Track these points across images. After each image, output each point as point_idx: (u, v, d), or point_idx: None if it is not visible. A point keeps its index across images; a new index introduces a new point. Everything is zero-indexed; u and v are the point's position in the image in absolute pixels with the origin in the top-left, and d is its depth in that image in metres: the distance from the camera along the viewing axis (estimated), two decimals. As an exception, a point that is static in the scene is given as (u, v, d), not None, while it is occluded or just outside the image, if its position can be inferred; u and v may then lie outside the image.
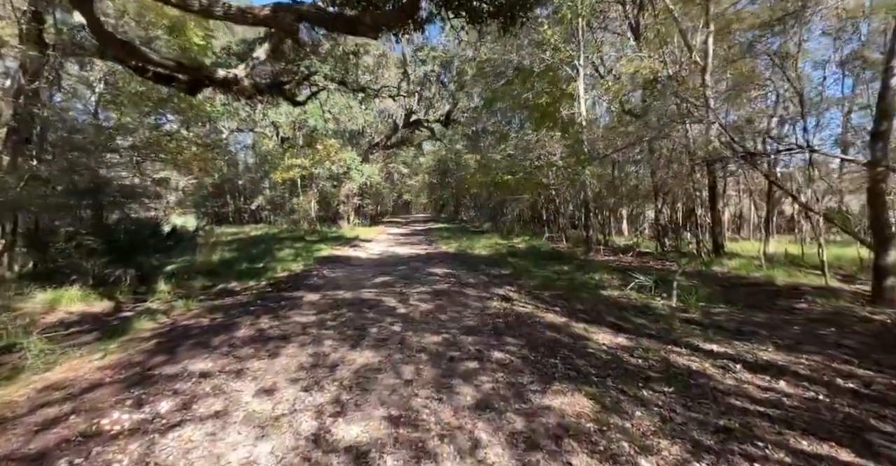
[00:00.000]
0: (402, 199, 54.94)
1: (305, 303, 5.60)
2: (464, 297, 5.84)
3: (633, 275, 6.42)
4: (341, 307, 5.34)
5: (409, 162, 38.13)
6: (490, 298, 5.76)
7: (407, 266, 9.09)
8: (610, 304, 5.37)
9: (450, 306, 5.33)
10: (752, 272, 7.02)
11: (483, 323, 4.51)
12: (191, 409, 2.55)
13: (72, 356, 3.70)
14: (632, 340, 3.90)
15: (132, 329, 4.53)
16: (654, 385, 2.88)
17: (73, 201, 7.70)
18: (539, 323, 4.50)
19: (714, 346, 3.68)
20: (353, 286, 6.84)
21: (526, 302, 5.47)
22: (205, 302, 6.04)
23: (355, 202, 25.91)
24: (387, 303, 5.52)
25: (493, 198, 17.27)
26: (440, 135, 27.51)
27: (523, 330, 4.20)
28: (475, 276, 7.66)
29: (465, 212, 32.46)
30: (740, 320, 4.58)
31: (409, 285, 6.81)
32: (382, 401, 2.66)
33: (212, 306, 5.58)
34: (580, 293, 6.02)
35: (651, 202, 13.56)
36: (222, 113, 15.88)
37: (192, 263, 9.36)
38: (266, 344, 3.83)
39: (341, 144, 19.71)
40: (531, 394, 2.75)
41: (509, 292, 6.21)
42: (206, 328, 4.44)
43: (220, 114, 15.74)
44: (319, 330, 4.29)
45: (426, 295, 6.02)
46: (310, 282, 7.30)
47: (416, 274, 7.88)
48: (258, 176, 30.36)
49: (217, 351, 3.67)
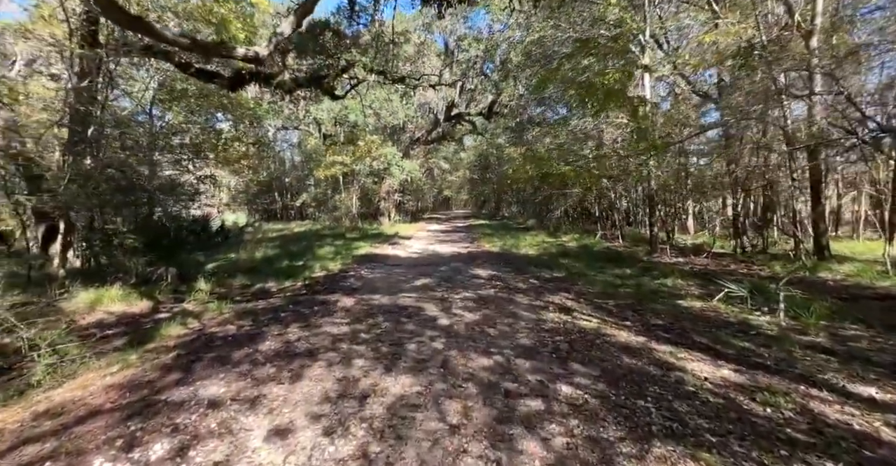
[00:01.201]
0: (442, 195, 54.65)
1: (339, 309, 5.13)
2: (514, 306, 5.10)
3: (718, 282, 5.34)
4: (377, 315, 4.81)
5: (449, 157, 37.59)
6: (545, 308, 4.97)
7: (448, 266, 8.47)
8: (695, 319, 4.41)
9: (499, 317, 4.62)
10: (876, 280, 5.66)
11: (540, 341, 3.76)
12: (186, 457, 2.05)
13: (90, 367, 3.42)
14: (743, 374, 2.99)
15: (159, 335, 4.25)
16: (808, 455, 2.01)
17: (122, 199, 7.83)
18: (611, 343, 3.68)
19: (872, 390, 2.69)
20: (390, 289, 6.32)
21: (589, 315, 4.64)
22: (239, 304, 5.76)
23: (396, 198, 25.76)
24: (427, 312, 4.91)
25: (538, 192, 16.23)
26: (482, 129, 26.67)
27: (593, 354, 3.41)
28: (524, 280, 6.87)
29: (507, 209, 31.42)
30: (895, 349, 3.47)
31: (452, 289, 6.17)
32: (422, 461, 2.02)
33: (243, 310, 5.25)
34: (653, 303, 5.07)
35: (722, 195, 11.98)
36: (267, 111, 16.13)
37: (235, 261, 9.34)
38: (290, 362, 3.34)
39: (382, 140, 19.50)
40: (625, 462, 1.99)
41: (566, 300, 5.38)
42: (230, 338, 4.05)
43: (265, 112, 15.99)
44: (351, 346, 3.75)
45: (471, 302, 5.35)
46: (346, 284, 6.87)
47: (459, 277, 7.23)
48: (303, 174, 31.11)
49: (236, 369, 3.22)
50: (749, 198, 9.59)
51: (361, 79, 10.99)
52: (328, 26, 10.66)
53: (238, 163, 22.98)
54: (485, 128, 26.58)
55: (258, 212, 32.20)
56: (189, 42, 4.02)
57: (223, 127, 16.51)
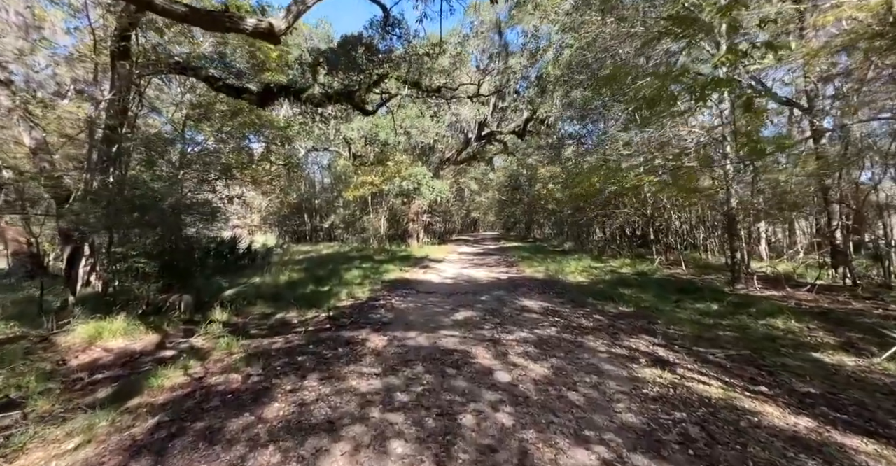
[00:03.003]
0: (470, 217, 53.87)
1: (368, 352, 4.17)
2: (588, 353, 3.98)
3: (851, 325, 4.02)
4: (415, 362, 3.81)
5: (478, 177, 37.01)
6: (631, 358, 3.82)
7: (490, 295, 7.41)
8: (866, 387, 3.12)
9: (573, 369, 3.52)
10: None
11: (653, 419, 2.63)
12: None
13: (47, 438, 2.59)
14: None
15: (148, 386, 3.41)
16: None
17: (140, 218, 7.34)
18: (763, 428, 2.50)
19: None
20: (427, 324, 5.33)
21: (699, 372, 3.45)
22: (254, 338, 4.93)
23: (425, 219, 25.10)
24: (478, 359, 3.87)
25: (579, 213, 15.02)
26: (513, 149, 25.94)
27: (750, 451, 2.25)
28: (586, 315, 5.71)
29: (538, 230, 30.12)
30: None
31: (502, 326, 5.11)
32: None
33: (256, 350, 4.39)
34: (779, 356, 3.81)
35: (804, 215, 10.42)
36: (298, 132, 16.00)
37: (258, 285, 8.68)
38: (302, 442, 2.38)
39: (412, 160, 19.02)
40: None
41: (654, 347, 4.20)
42: (231, 395, 3.15)
43: (296, 132, 15.86)
44: (384, 413, 2.76)
45: (530, 345, 4.26)
46: (375, 316, 5.94)
47: (506, 309, 6.15)
48: (333, 195, 31.21)
49: (226, 453, 2.29)
50: (843, 217, 8.08)
51: (394, 94, 10.47)
52: (360, 41, 10.29)
53: (268, 184, 23.15)
54: (516, 147, 25.82)
55: (288, 234, 32.37)
56: (185, 10, 3.34)
57: (254, 146, 16.48)
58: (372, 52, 10.39)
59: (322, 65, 9.20)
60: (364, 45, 10.26)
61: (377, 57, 10.43)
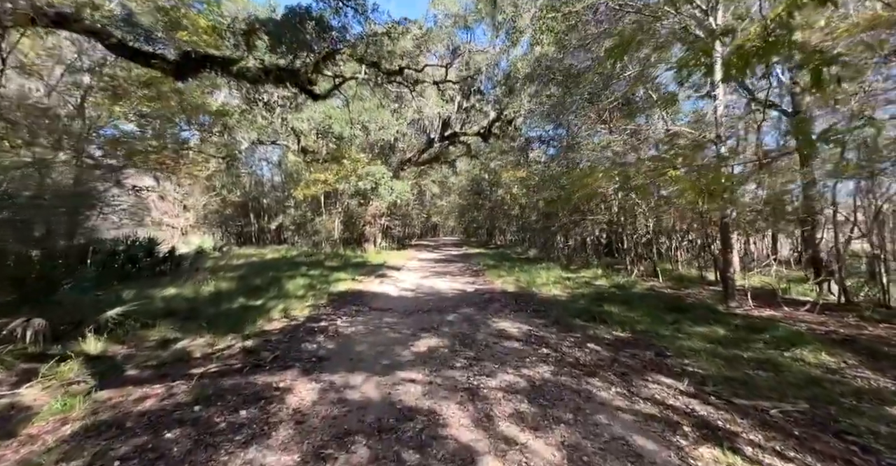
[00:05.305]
0: (431, 221, 52.67)
1: (286, 417, 2.77)
2: (603, 412, 2.84)
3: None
4: (355, 437, 2.47)
5: (440, 180, 35.94)
6: (667, 423, 2.72)
7: (458, 314, 6.19)
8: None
9: (595, 449, 2.36)
10: None
11: None
12: None
13: None
14: None
15: None
16: None
17: None
18: None
19: None
20: (379, 360, 3.99)
21: (771, 448, 2.41)
22: (120, 389, 3.34)
23: (383, 223, 23.53)
24: (451, 430, 2.60)
25: (547, 220, 14.26)
26: (476, 152, 25.12)
27: None
28: (579, 343, 4.63)
29: (500, 236, 29.53)
30: None
31: (478, 362, 3.88)
32: None
33: (112, 414, 2.84)
34: (851, 415, 2.87)
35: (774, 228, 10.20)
36: (238, 120, 13.99)
37: (171, 298, 6.91)
38: None
39: (369, 159, 17.51)
40: None
41: (682, 397, 3.15)
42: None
43: (235, 121, 13.85)
44: None
45: (521, 399, 3.06)
46: (311, 347, 4.50)
47: (479, 335, 4.94)
48: (284, 194, 28.72)
49: None
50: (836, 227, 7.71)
51: (349, 77, 9.03)
52: (310, 14, 8.76)
53: (205, 180, 20.51)
54: (479, 151, 25.03)
55: (232, 236, 29.33)
56: None
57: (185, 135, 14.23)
58: (323, 27, 8.90)
59: (258, 33, 7.59)
60: (314, 20, 8.76)
61: (329, 34, 8.97)
